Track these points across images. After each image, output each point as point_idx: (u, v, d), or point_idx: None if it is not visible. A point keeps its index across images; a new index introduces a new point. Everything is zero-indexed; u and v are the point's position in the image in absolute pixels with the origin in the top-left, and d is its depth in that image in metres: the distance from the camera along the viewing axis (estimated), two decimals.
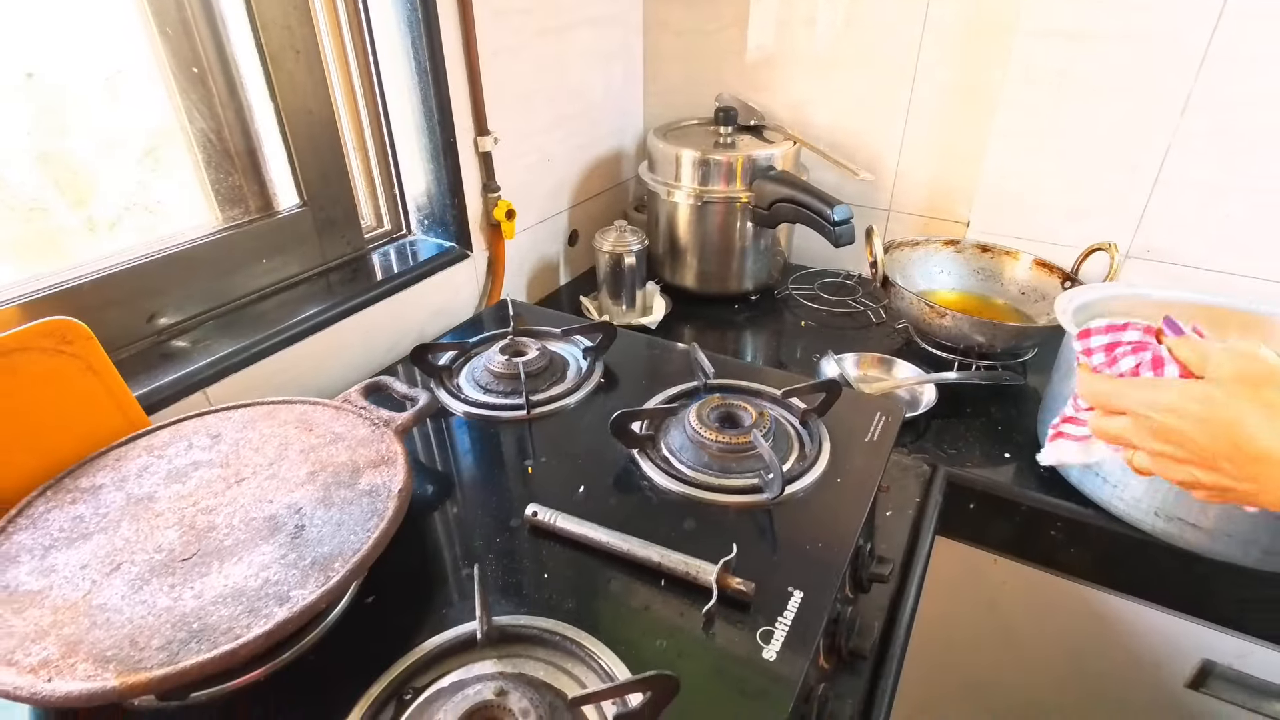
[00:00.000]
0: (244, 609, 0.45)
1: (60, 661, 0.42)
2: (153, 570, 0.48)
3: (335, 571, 0.48)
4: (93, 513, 0.54)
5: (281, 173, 0.88)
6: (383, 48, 0.92)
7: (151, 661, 0.42)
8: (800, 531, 0.60)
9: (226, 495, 0.55)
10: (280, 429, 0.63)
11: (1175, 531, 0.68)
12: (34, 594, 0.47)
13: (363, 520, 0.52)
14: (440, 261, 1.01)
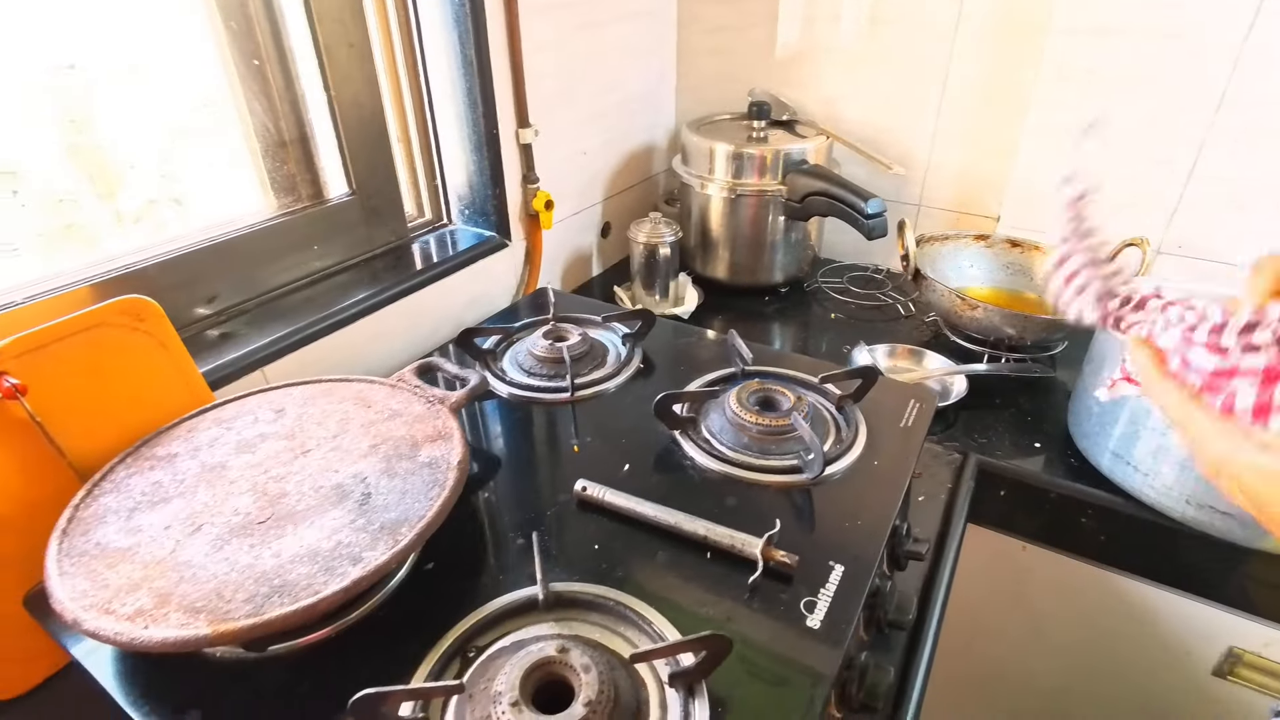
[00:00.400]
0: (320, 568, 0.48)
1: (154, 611, 0.45)
2: (231, 531, 0.52)
3: (403, 536, 0.51)
4: (170, 479, 0.57)
5: (332, 162, 0.91)
6: (430, 42, 0.95)
7: (239, 613, 0.45)
8: (839, 510, 0.62)
9: (294, 465, 0.58)
10: (339, 405, 0.66)
11: (1205, 519, 0.69)
12: (123, 551, 0.50)
13: (425, 490, 0.55)
14: (480, 250, 1.03)
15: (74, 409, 0.60)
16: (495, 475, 0.67)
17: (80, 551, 0.50)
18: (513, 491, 0.65)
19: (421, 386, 0.68)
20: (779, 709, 0.46)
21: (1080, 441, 0.82)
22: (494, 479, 0.67)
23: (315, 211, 0.90)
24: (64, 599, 0.46)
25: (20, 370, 0.57)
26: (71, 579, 0.47)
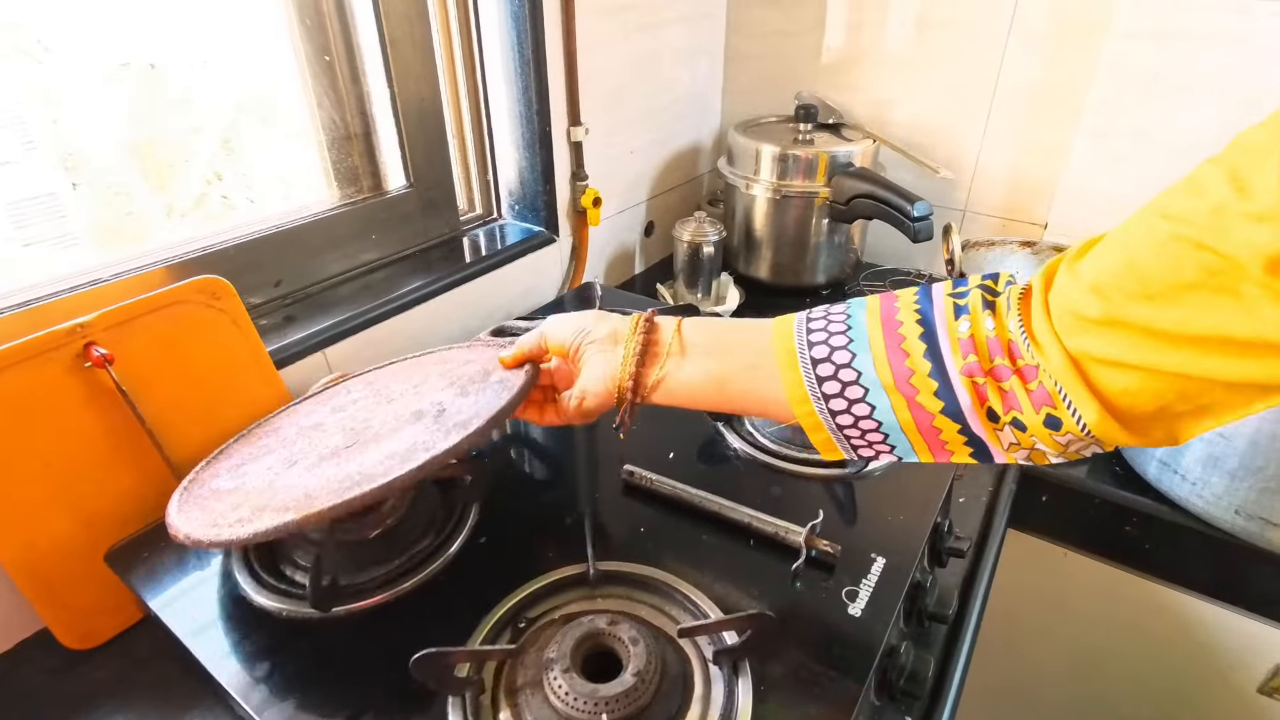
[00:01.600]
0: (398, 460, 0.50)
1: (251, 517, 0.48)
2: (321, 459, 0.55)
3: (473, 426, 0.51)
4: (274, 440, 0.62)
5: (392, 155, 0.95)
6: (488, 40, 0.98)
7: (320, 502, 0.47)
8: (881, 505, 0.63)
9: (378, 410, 0.61)
10: (421, 368, 0.69)
11: (1256, 530, 0.68)
12: (230, 490, 0.55)
13: (495, 397, 0.55)
14: (529, 245, 1.06)
15: (155, 379, 0.64)
16: (544, 459, 0.69)
17: (196, 497, 0.55)
18: (561, 475, 0.67)
19: (494, 340, 0.71)
20: (820, 691, 0.47)
21: (1126, 449, 0.81)
22: (543, 462, 0.69)
23: (375, 202, 0.94)
24: (180, 527, 0.50)
25: (108, 341, 0.61)
26: (188, 514, 0.52)
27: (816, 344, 0.44)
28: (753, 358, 0.47)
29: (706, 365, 0.49)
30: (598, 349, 0.52)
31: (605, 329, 0.53)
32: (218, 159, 0.82)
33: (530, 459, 0.69)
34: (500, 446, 0.72)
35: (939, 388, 0.40)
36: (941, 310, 0.41)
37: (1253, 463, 0.66)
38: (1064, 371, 0.36)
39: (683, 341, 0.50)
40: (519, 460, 0.68)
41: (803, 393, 0.43)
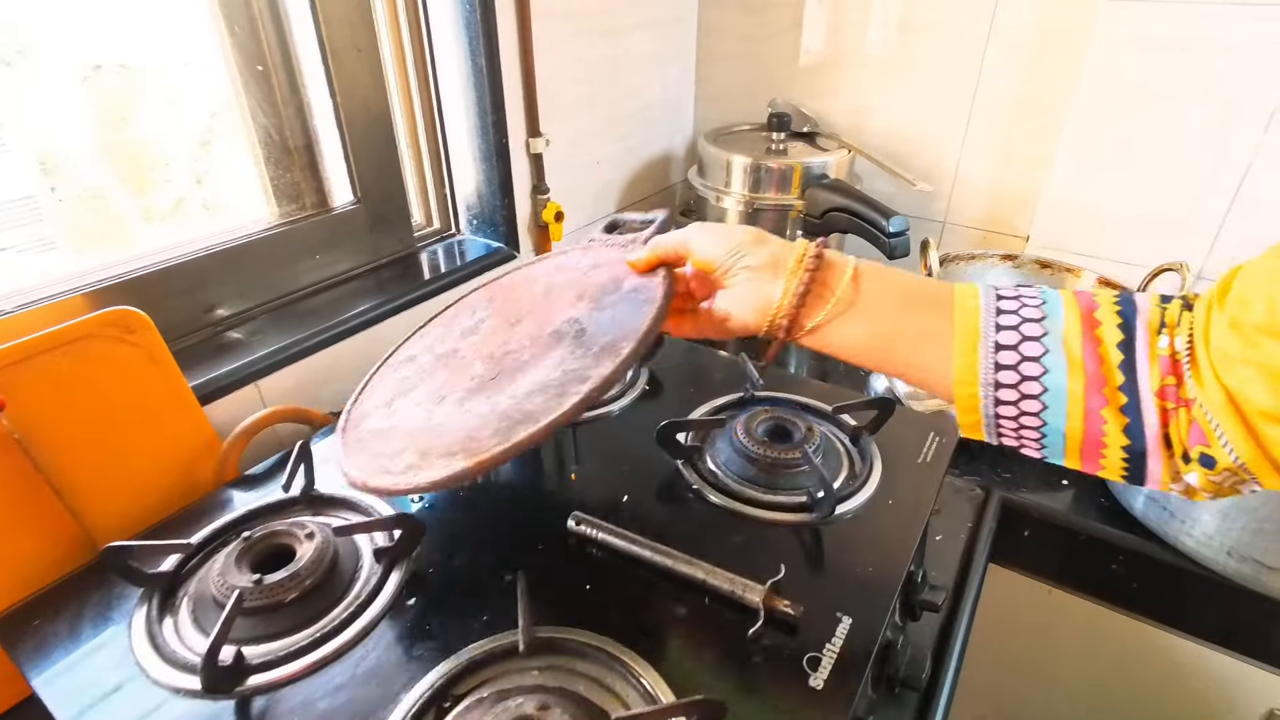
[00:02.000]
0: (553, 394, 0.48)
1: (420, 464, 0.48)
2: (469, 393, 0.53)
3: (623, 350, 0.48)
4: (413, 372, 0.61)
5: (337, 170, 0.89)
6: (440, 48, 0.92)
7: (489, 445, 0.46)
8: (849, 554, 0.58)
9: (511, 332, 0.59)
10: (540, 280, 0.65)
11: (1249, 572, 0.64)
12: (387, 430, 0.54)
13: (634, 310, 0.52)
14: (488, 262, 1.01)
15: (58, 424, 0.59)
16: (487, 506, 0.64)
17: (356, 440, 0.55)
18: (504, 524, 0.62)
19: (612, 238, 0.65)
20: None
21: (1113, 483, 0.77)
22: (485, 510, 0.64)
23: (319, 220, 0.88)
24: (354, 473, 0.50)
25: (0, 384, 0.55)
26: (355, 457, 0.52)
27: (1006, 328, 0.41)
28: (932, 327, 0.43)
29: (878, 325, 0.45)
30: (752, 274, 0.48)
31: (764, 254, 0.48)
32: (198, 163, 0.77)
33: (468, 507, 0.64)
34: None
35: (1127, 403, 0.38)
36: (1145, 319, 0.39)
37: (1246, 502, 0.62)
38: (1220, 407, 0.35)
39: (857, 291, 0.46)
40: (455, 508, 0.63)
41: (973, 377, 0.41)
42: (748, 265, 0.48)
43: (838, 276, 0.46)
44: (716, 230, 0.51)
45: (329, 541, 0.55)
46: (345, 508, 0.63)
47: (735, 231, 0.50)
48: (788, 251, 0.48)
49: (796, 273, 0.46)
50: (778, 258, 0.48)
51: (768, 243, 0.49)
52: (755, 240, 0.49)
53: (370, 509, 0.61)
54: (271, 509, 0.61)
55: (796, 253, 0.47)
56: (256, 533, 0.56)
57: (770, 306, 0.47)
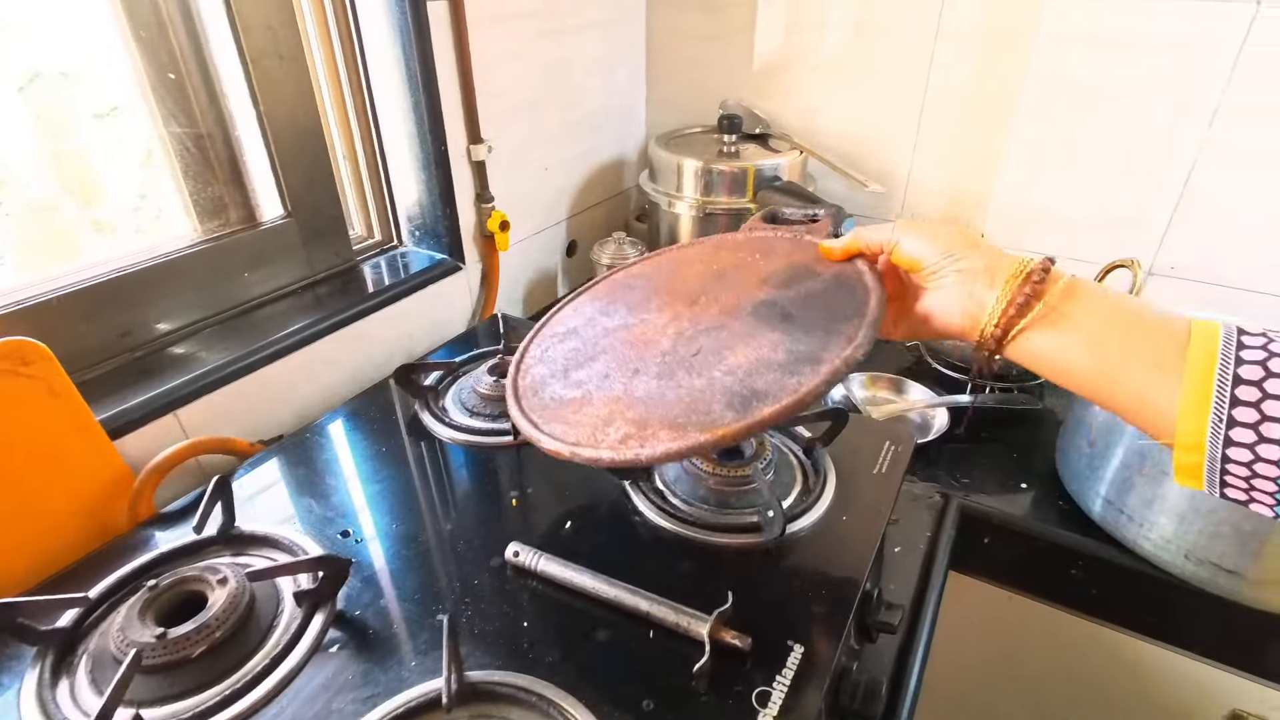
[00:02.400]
0: (783, 373, 0.47)
1: (639, 434, 0.46)
2: (669, 368, 0.52)
3: (855, 328, 0.48)
4: (582, 344, 0.59)
5: (265, 182, 0.85)
6: (372, 53, 0.88)
7: (725, 418, 0.45)
8: (802, 575, 0.56)
9: (693, 311, 0.57)
10: (697, 263, 0.63)
11: (1207, 575, 0.63)
12: (578, 400, 0.52)
13: (845, 296, 0.52)
14: (432, 274, 0.97)
15: None
16: (422, 535, 0.60)
17: (541, 407, 0.53)
18: (440, 557, 0.58)
19: (776, 227, 0.65)
20: None
21: (1070, 484, 0.76)
22: (420, 540, 0.60)
23: (246, 235, 0.83)
24: (553, 442, 0.49)
25: None
26: (549, 425, 0.51)
27: (1250, 362, 0.37)
28: (1160, 354, 0.40)
29: (1096, 344, 0.42)
30: (964, 278, 0.46)
31: (980, 259, 0.46)
32: (118, 178, 0.72)
33: (402, 539, 0.60)
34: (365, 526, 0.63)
35: None
36: None
37: (1202, 505, 0.61)
38: None
39: (1071, 300, 0.43)
40: (387, 541, 0.59)
41: (1203, 409, 0.37)
42: (961, 269, 0.46)
43: (1051, 285, 0.44)
44: (927, 228, 0.49)
45: (244, 587, 0.51)
46: (268, 546, 0.58)
47: (948, 231, 0.48)
48: (1005, 259, 0.46)
49: (1016, 281, 0.44)
50: (993, 264, 0.46)
51: (981, 246, 0.47)
52: (969, 243, 0.47)
53: (294, 546, 0.57)
54: (185, 552, 0.57)
55: (1019, 262, 0.45)
56: (164, 580, 0.51)
57: (982, 314, 0.45)
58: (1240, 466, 0.37)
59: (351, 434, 0.74)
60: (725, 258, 0.63)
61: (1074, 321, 0.43)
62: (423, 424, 0.74)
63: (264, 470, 0.68)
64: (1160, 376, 0.39)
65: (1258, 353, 0.37)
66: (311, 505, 0.64)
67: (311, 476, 0.67)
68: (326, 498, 0.65)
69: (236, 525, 0.59)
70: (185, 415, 0.71)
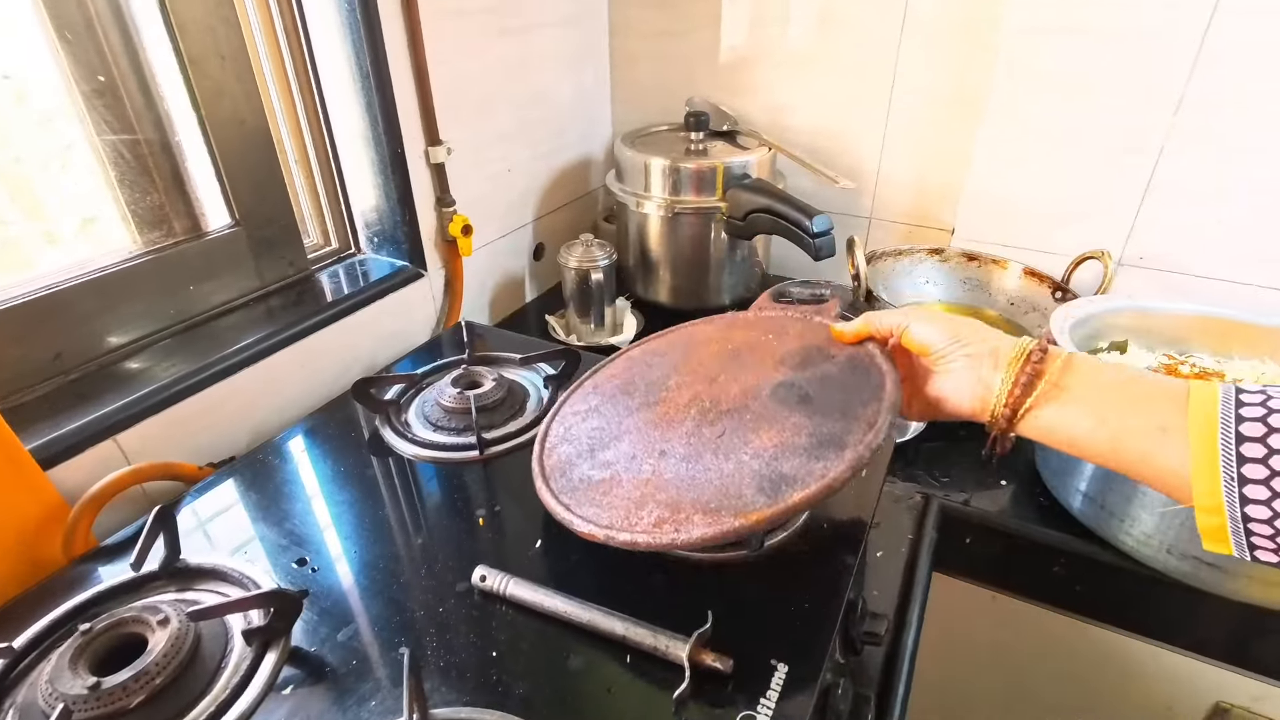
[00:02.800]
0: (808, 457, 0.50)
1: (673, 518, 0.48)
2: (695, 450, 0.54)
3: (875, 414, 0.50)
4: (606, 423, 0.60)
5: (210, 190, 0.80)
6: (321, 51, 0.84)
7: (757, 503, 0.47)
8: (783, 589, 0.54)
9: (713, 389, 0.60)
10: (713, 343, 0.66)
11: (1189, 570, 0.62)
12: (607, 481, 0.54)
13: (863, 378, 0.55)
14: (392, 282, 0.93)
15: None
16: (384, 561, 0.57)
17: (571, 488, 0.55)
18: (402, 584, 0.55)
19: (785, 307, 0.69)
20: None
21: (1050, 480, 0.75)
22: (381, 565, 0.56)
23: (190, 247, 0.79)
24: (586, 525, 0.50)
25: None
26: (580, 508, 0.52)
27: (1250, 419, 0.38)
28: (1163, 418, 0.41)
29: (1101, 414, 0.44)
30: (972, 362, 0.49)
31: (986, 346, 0.49)
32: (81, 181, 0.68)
33: (361, 566, 0.56)
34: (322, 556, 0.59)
35: None
36: None
37: None
38: None
39: (1069, 373, 0.46)
40: (345, 568, 0.56)
41: (1213, 471, 0.38)
42: (969, 354, 0.49)
43: (1050, 363, 0.46)
44: (937, 317, 0.52)
45: (187, 627, 0.47)
46: (216, 579, 0.55)
47: (956, 320, 0.52)
48: (1007, 342, 0.49)
49: (1018, 363, 0.47)
50: (997, 348, 0.49)
51: (989, 336, 0.50)
52: (974, 329, 0.50)
53: (245, 579, 0.54)
54: (123, 590, 0.53)
55: (1020, 344, 0.48)
56: (98, 623, 0.47)
57: (990, 395, 0.48)
58: (1263, 525, 0.37)
59: (309, 453, 0.70)
60: (739, 336, 0.66)
61: (1076, 394, 0.45)
62: (384, 440, 0.70)
63: (214, 496, 0.64)
64: (1165, 439, 0.40)
65: (1257, 409, 0.38)
66: (265, 532, 0.60)
67: (265, 501, 0.63)
68: (281, 523, 0.61)
69: (181, 558, 0.55)
70: (127, 440, 0.66)
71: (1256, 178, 0.86)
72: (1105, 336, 0.81)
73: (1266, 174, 0.86)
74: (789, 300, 0.71)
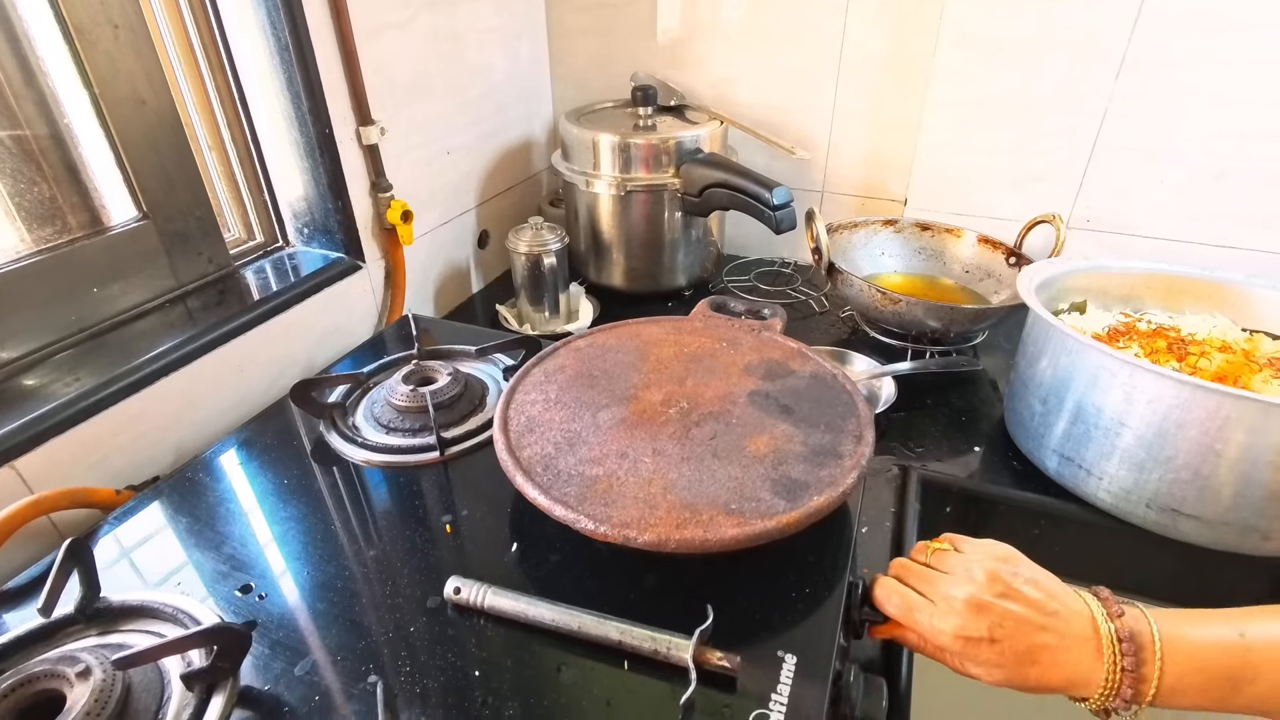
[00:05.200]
0: (811, 464, 0.52)
1: (695, 518, 0.47)
2: (695, 452, 0.54)
3: (858, 428, 0.56)
4: (575, 416, 0.58)
5: (110, 179, 0.71)
6: (232, 22, 0.76)
7: (779, 506, 0.48)
8: (780, 578, 0.51)
9: (685, 390, 0.61)
10: (662, 345, 0.68)
11: (1169, 523, 0.63)
12: (604, 478, 0.51)
13: (836, 394, 0.60)
14: (327, 275, 0.86)
15: None
16: (343, 581, 0.51)
17: (563, 484, 0.51)
18: (365, 602, 0.49)
19: (732, 319, 0.73)
20: None
21: (1023, 444, 0.74)
22: (341, 586, 0.51)
23: (91, 244, 0.70)
24: (595, 524, 0.47)
25: None
26: (585, 507, 0.49)
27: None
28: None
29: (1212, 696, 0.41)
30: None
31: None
32: None
33: (316, 590, 0.50)
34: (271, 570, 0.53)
35: None
36: None
37: (1160, 453, 0.60)
38: None
39: (1181, 670, 0.41)
40: (299, 593, 0.50)
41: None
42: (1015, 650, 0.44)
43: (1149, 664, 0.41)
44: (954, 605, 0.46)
45: (113, 678, 0.41)
46: (146, 618, 0.48)
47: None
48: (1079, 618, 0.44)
49: (1113, 656, 0.42)
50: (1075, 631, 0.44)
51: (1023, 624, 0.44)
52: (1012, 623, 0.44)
53: (180, 614, 0.47)
54: (33, 639, 0.45)
55: (1103, 629, 0.43)
56: (4, 682, 0.40)
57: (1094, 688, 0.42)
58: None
59: (245, 467, 0.63)
60: (691, 341, 0.68)
61: (1189, 687, 0.41)
62: (330, 447, 0.64)
63: (137, 522, 0.57)
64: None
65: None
66: (201, 559, 0.53)
67: (198, 524, 0.56)
68: (218, 548, 0.54)
69: (102, 596, 0.48)
70: (27, 465, 0.58)
71: (1193, 137, 0.88)
72: (1065, 299, 0.82)
73: (1203, 133, 0.88)
74: (728, 312, 0.75)
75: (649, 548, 0.46)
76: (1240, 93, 0.85)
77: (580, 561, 0.52)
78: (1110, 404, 0.63)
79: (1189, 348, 0.71)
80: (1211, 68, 0.84)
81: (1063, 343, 0.67)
